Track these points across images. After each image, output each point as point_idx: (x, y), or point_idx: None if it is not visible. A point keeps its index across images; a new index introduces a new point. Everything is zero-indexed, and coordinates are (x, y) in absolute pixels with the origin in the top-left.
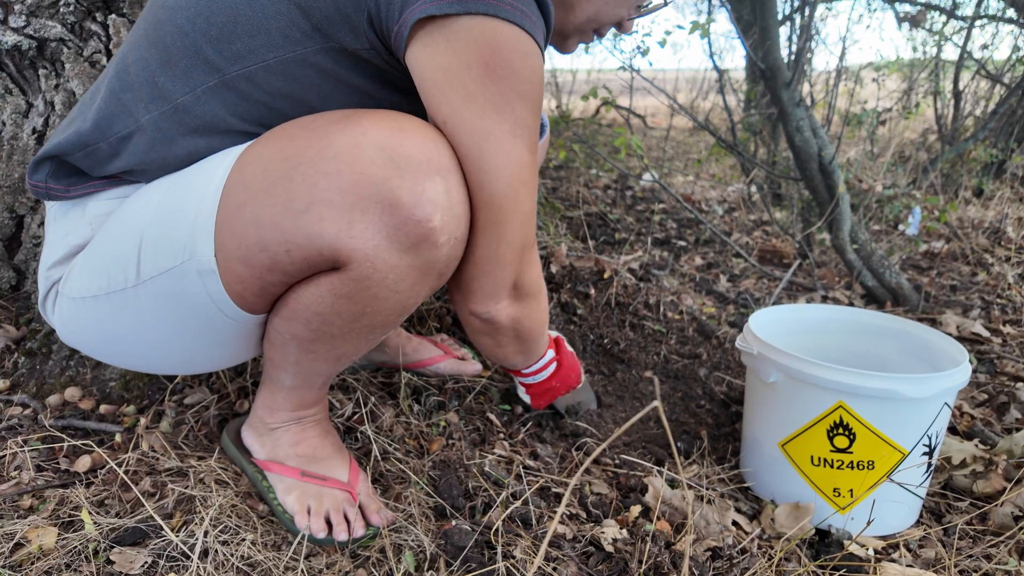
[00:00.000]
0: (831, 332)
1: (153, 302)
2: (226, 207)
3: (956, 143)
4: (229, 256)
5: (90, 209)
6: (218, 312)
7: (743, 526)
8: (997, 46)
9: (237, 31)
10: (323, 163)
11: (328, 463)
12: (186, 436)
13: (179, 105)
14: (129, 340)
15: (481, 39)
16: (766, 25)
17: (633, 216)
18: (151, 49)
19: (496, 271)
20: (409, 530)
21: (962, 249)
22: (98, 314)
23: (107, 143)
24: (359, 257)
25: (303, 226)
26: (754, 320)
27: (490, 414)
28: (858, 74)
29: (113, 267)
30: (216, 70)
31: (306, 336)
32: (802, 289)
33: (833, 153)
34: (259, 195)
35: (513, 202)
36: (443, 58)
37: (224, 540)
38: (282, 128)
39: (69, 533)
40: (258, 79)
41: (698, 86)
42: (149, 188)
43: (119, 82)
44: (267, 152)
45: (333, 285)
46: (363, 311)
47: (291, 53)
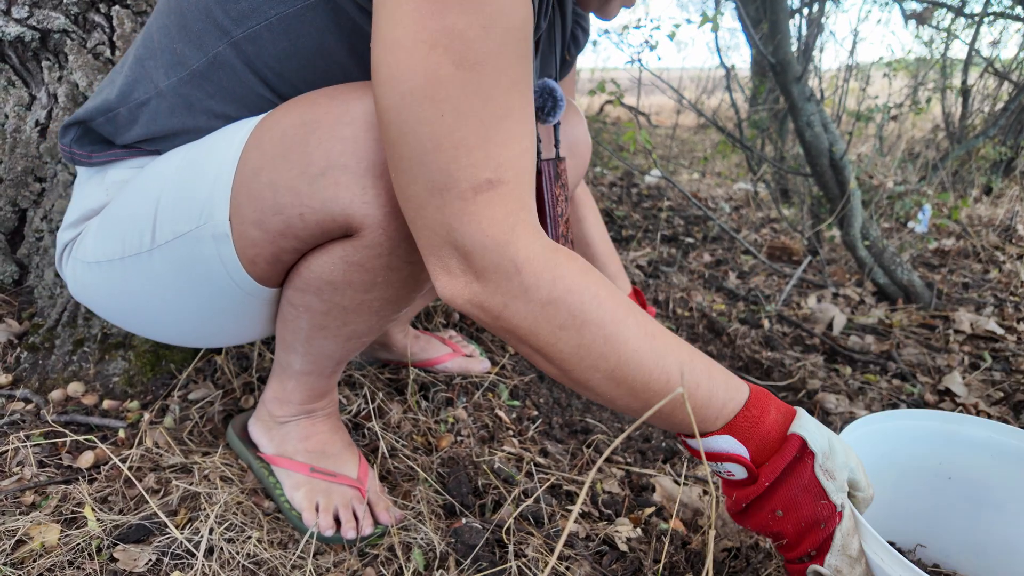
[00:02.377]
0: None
1: (167, 267)
2: (243, 171)
3: (965, 141)
4: (244, 220)
5: (109, 176)
6: (230, 281)
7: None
8: (1005, 43)
9: None
10: (340, 128)
11: (338, 459)
12: (190, 432)
13: (195, 71)
14: (141, 305)
15: None
16: (776, 19)
17: (640, 213)
18: (171, 15)
19: (414, 220)
20: (418, 528)
21: (973, 246)
22: (111, 278)
23: (127, 108)
24: (371, 223)
25: (318, 190)
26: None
27: (499, 411)
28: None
29: (128, 232)
30: (225, 32)
31: (318, 308)
32: (812, 286)
33: (844, 148)
34: (276, 159)
35: (409, 120)
36: None
37: (229, 538)
38: (303, 96)
39: (72, 530)
40: (263, 40)
41: (703, 84)
42: (165, 156)
43: (144, 49)
44: (286, 118)
45: (345, 252)
46: (375, 281)
47: (291, 8)
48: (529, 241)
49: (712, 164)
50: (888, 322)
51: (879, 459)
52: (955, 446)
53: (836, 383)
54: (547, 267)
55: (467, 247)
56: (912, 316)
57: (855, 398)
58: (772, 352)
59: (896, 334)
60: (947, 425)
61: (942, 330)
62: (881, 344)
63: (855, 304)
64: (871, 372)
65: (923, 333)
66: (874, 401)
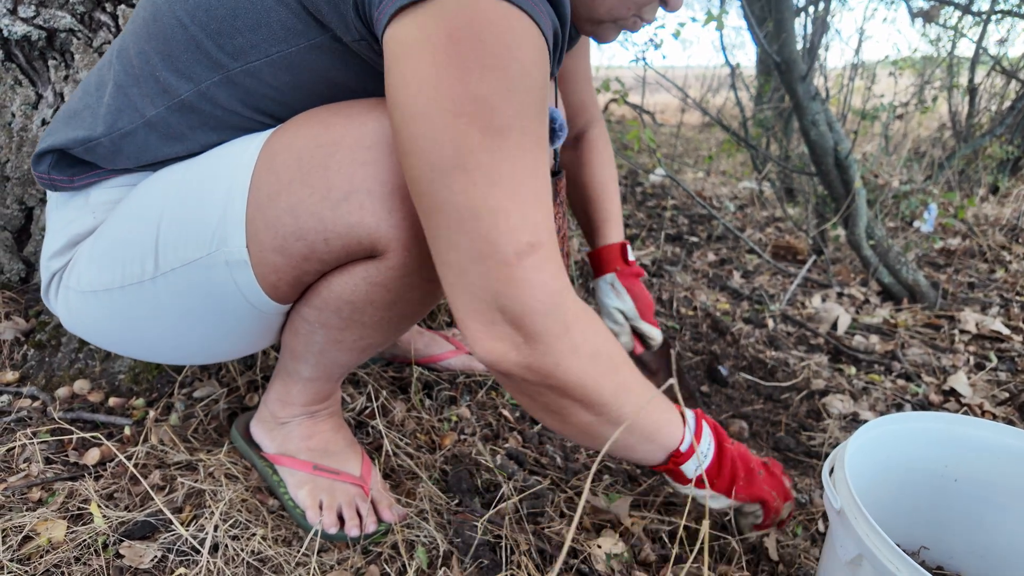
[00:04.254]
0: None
1: (173, 294)
2: (258, 196)
3: (971, 140)
4: (264, 246)
5: (93, 197)
6: (244, 302)
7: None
8: (1013, 41)
9: (237, 25)
10: (360, 152)
11: (341, 457)
12: (195, 430)
13: (184, 101)
14: (144, 332)
15: (454, 12)
16: (781, 18)
17: (644, 212)
18: (151, 41)
19: (457, 288)
20: (421, 526)
21: (979, 246)
22: (110, 307)
23: (110, 139)
24: (397, 246)
25: (342, 215)
26: (855, 445)
27: (502, 409)
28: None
29: (127, 259)
30: (219, 66)
31: (336, 324)
32: (817, 286)
33: (849, 147)
34: (294, 184)
35: (443, 191)
36: (404, 34)
37: (234, 535)
38: (311, 114)
39: (78, 526)
40: (263, 74)
41: (707, 82)
42: (160, 176)
43: (125, 76)
44: (299, 140)
45: (368, 273)
46: (396, 299)
47: (294, 46)
48: (573, 299)
49: (717, 163)
50: (893, 322)
51: (886, 461)
52: (961, 448)
53: (840, 383)
54: (589, 322)
55: (517, 312)
56: (917, 316)
57: (859, 398)
58: (776, 352)
59: (901, 334)
60: (953, 427)
61: (947, 330)
62: (886, 344)
63: (860, 304)
64: (875, 372)
65: (928, 333)
66: (878, 401)
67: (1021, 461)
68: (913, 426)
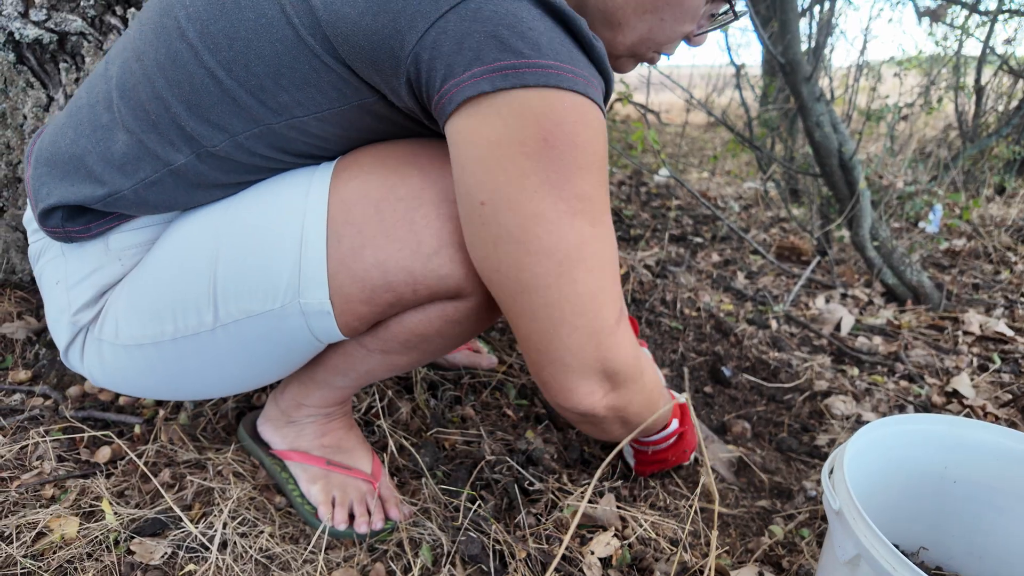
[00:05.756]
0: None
1: (233, 342)
2: (340, 249)
3: (978, 140)
4: (350, 299)
5: (114, 242)
6: (313, 341)
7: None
8: (1020, 40)
9: (282, 83)
10: (445, 207)
11: (353, 454)
12: (204, 428)
13: (218, 151)
14: (196, 378)
15: (540, 112)
16: (786, 19)
17: (648, 212)
18: (172, 89)
19: (564, 357)
20: (426, 525)
21: (984, 247)
22: (158, 358)
23: (132, 190)
24: (481, 291)
25: (434, 269)
26: (854, 447)
27: (507, 410)
28: (878, 70)
29: (179, 310)
30: (259, 120)
31: (396, 351)
32: (821, 286)
33: (854, 148)
34: (379, 238)
35: (569, 283)
36: (492, 132)
37: (242, 532)
38: (378, 160)
39: (90, 523)
40: (309, 127)
41: (713, 82)
42: (204, 220)
43: (137, 122)
44: (373, 190)
45: (446, 312)
46: (463, 331)
47: (346, 105)
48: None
49: (722, 163)
50: (897, 323)
51: (887, 463)
52: (961, 450)
53: (843, 384)
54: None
55: (614, 369)
56: (921, 317)
57: (861, 399)
58: (779, 353)
59: (904, 335)
60: (953, 429)
61: (951, 331)
62: (889, 345)
63: (864, 305)
64: (878, 373)
65: (932, 334)
66: (881, 402)
67: (1020, 464)
68: (913, 428)
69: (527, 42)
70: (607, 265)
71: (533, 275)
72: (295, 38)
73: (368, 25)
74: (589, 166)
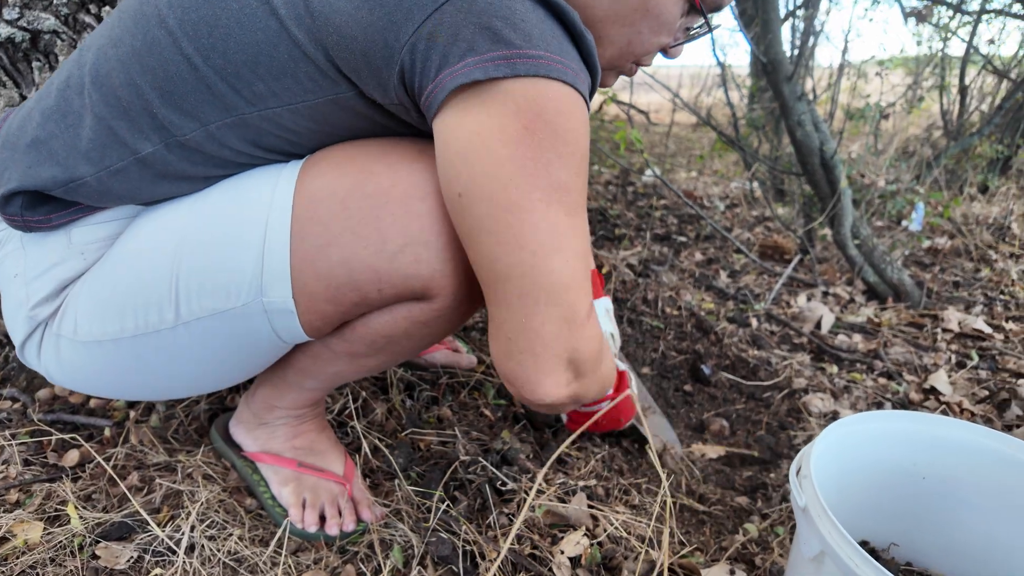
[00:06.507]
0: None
1: (195, 340)
2: (304, 247)
3: (961, 139)
4: (314, 297)
5: (77, 236)
6: (276, 341)
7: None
8: (1004, 40)
9: (259, 72)
10: (414, 203)
11: (325, 456)
12: (175, 430)
13: (188, 140)
14: (158, 377)
15: (524, 100)
16: (768, 19)
17: (634, 212)
18: (147, 75)
19: (535, 346)
20: (397, 526)
21: (966, 245)
22: (117, 356)
23: (95, 177)
24: (449, 292)
25: (399, 267)
26: (822, 444)
27: (485, 410)
28: (860, 68)
29: (140, 307)
30: (232, 109)
31: (364, 353)
32: (803, 285)
33: (835, 147)
34: (344, 235)
35: (543, 273)
36: (475, 122)
37: (211, 535)
38: (346, 156)
39: (55, 528)
40: (282, 120)
41: (702, 82)
42: (168, 215)
43: (107, 108)
44: (340, 187)
45: (412, 313)
46: (432, 332)
47: (321, 98)
48: (603, 339)
49: (710, 162)
50: (877, 321)
51: (856, 460)
52: (928, 447)
53: (822, 382)
54: (606, 351)
55: (581, 360)
56: (901, 315)
57: (840, 397)
58: (759, 351)
59: (884, 333)
60: (921, 426)
61: (930, 329)
62: (868, 343)
63: (845, 303)
64: (857, 371)
65: (911, 332)
66: (859, 400)
67: (986, 458)
68: (881, 425)
69: (519, 33)
70: (581, 257)
71: (507, 265)
72: (278, 27)
73: (364, 17)
74: (568, 156)
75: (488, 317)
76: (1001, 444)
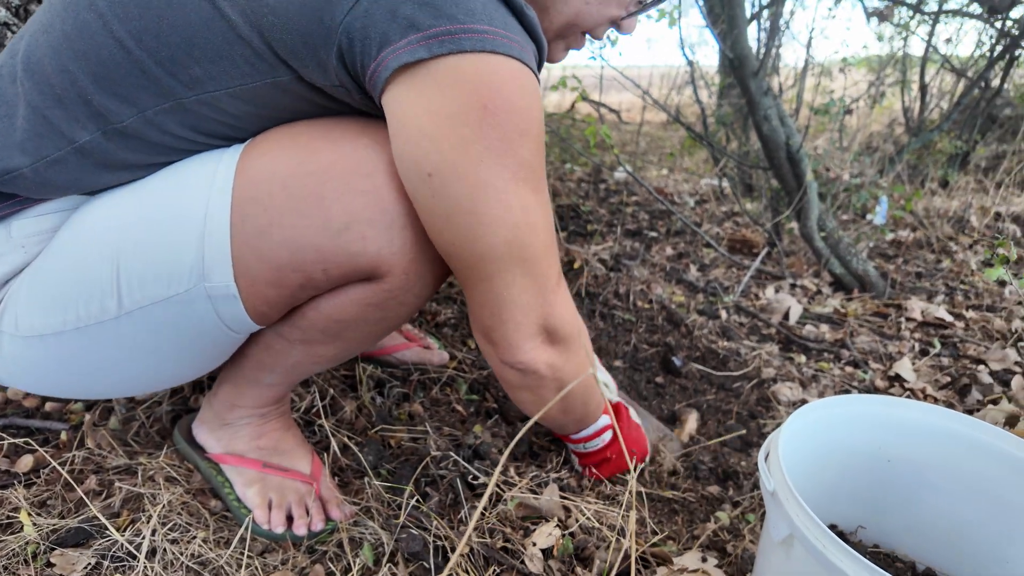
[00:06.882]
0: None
1: (140, 330)
2: (245, 229)
3: (921, 135)
4: (256, 280)
5: (17, 229)
6: (225, 330)
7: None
8: (961, 40)
9: (194, 55)
10: (358, 180)
11: (291, 456)
12: (136, 433)
13: (126, 127)
14: (105, 372)
15: (477, 79)
16: (733, 14)
17: (606, 208)
18: (79, 61)
19: (516, 315)
20: (367, 524)
21: (927, 237)
22: (60, 351)
23: (31, 169)
24: (398, 271)
25: (343, 245)
26: (789, 430)
27: (457, 405)
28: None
29: (81, 298)
30: (170, 93)
31: (319, 341)
32: (771, 277)
33: (800, 142)
34: (286, 215)
35: (518, 248)
36: (431, 102)
37: (173, 538)
38: (285, 135)
39: (6, 535)
40: (221, 103)
41: (672, 81)
42: (108, 204)
43: (41, 97)
44: (281, 166)
45: (364, 295)
46: (386, 316)
47: (259, 81)
48: (575, 309)
49: (680, 160)
50: (843, 311)
51: (823, 444)
52: (894, 430)
53: (790, 371)
54: (582, 326)
55: (555, 325)
56: (866, 305)
57: (808, 385)
58: (729, 342)
59: (850, 323)
60: (885, 409)
61: (894, 318)
62: (835, 333)
63: (812, 294)
64: (825, 360)
65: (876, 321)
66: (827, 388)
67: (949, 440)
68: (847, 409)
69: (461, 8)
70: (548, 229)
71: (488, 245)
72: (211, 8)
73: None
74: (528, 132)
75: (467, 295)
76: (963, 426)
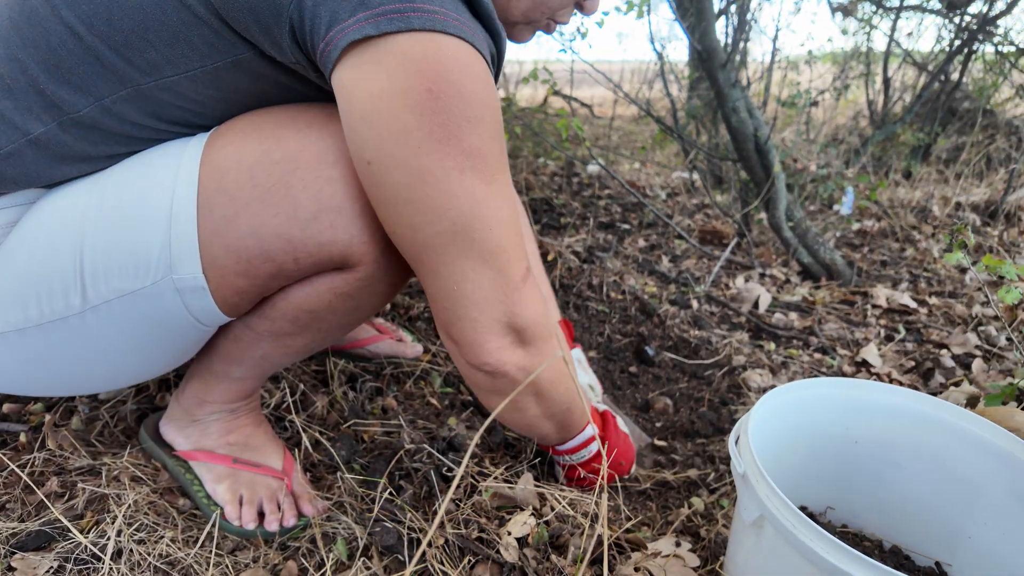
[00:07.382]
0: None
1: (105, 325)
2: (212, 219)
3: (885, 127)
4: (225, 271)
5: None
6: (194, 323)
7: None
8: (922, 34)
9: (149, 38)
10: (325, 168)
11: (262, 451)
12: (100, 432)
13: (83, 117)
14: (71, 369)
15: (423, 59)
16: (702, 7)
17: (579, 202)
18: (27, 49)
19: (471, 311)
20: (341, 519)
21: (892, 227)
22: (23, 348)
23: None
24: (369, 259)
25: (313, 235)
26: (759, 413)
27: (431, 398)
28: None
29: (44, 294)
30: (127, 80)
31: (288, 332)
32: (741, 267)
33: (768, 133)
34: (253, 204)
35: (465, 241)
36: (375, 84)
37: (140, 539)
38: (250, 123)
39: None
40: (182, 88)
41: (643, 75)
42: (67, 196)
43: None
44: (247, 155)
45: (335, 284)
46: (357, 306)
47: (220, 61)
48: (546, 309)
49: (652, 154)
50: (811, 299)
51: (791, 427)
52: (860, 411)
53: (760, 359)
54: (556, 329)
55: (522, 325)
56: (834, 293)
57: (777, 372)
58: (700, 331)
59: (818, 310)
60: (852, 391)
61: (861, 305)
62: (804, 320)
63: (781, 283)
64: (794, 347)
65: (843, 309)
66: (796, 374)
67: (913, 421)
68: (814, 392)
69: None
70: (506, 223)
71: (428, 235)
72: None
73: None
74: (478, 119)
75: (423, 287)
76: (927, 406)
